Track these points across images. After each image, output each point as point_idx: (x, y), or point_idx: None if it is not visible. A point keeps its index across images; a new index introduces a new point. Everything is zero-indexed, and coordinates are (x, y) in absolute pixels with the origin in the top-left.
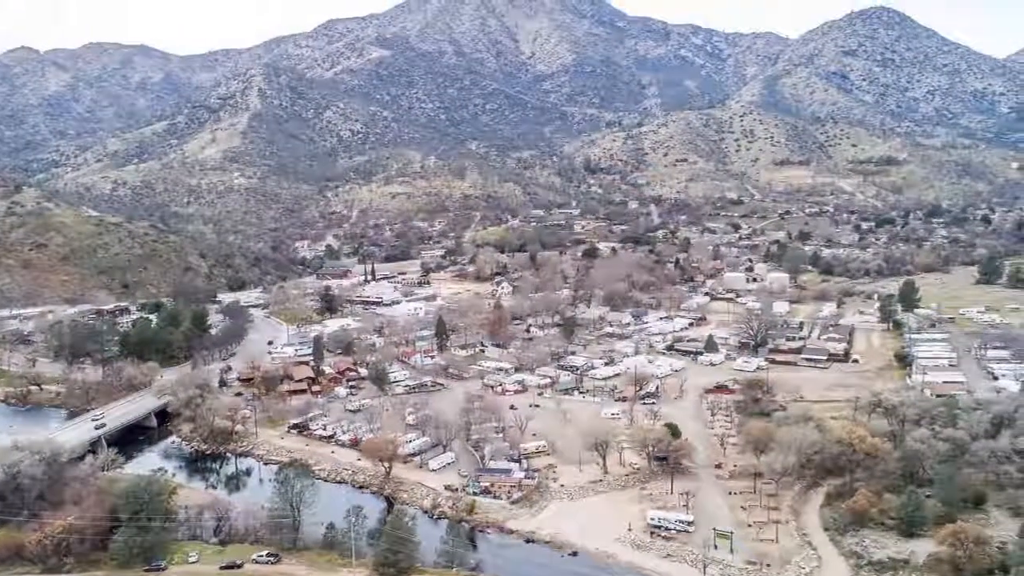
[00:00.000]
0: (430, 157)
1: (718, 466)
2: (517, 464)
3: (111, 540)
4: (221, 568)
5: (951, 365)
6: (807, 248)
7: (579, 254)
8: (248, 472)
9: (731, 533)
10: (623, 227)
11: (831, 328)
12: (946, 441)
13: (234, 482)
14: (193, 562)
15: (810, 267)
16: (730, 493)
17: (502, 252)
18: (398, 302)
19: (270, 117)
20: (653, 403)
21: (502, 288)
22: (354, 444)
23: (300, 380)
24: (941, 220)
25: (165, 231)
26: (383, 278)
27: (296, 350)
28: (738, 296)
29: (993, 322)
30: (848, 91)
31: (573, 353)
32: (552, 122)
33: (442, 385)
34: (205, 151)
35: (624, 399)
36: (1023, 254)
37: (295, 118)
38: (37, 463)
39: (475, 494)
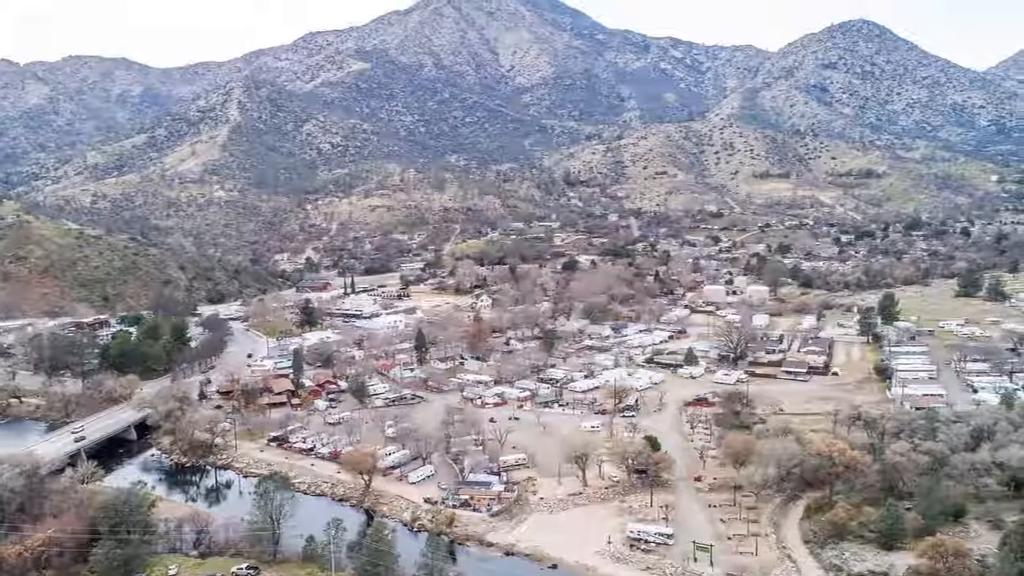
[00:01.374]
0: (410, 170)
1: (698, 479)
2: (497, 477)
3: (91, 553)
4: None
5: (931, 378)
6: (787, 261)
7: (559, 267)
8: (228, 485)
9: (711, 546)
10: (603, 240)
11: (811, 341)
12: (926, 454)
13: (214, 495)
14: (173, 575)
15: (790, 280)
16: (710, 506)
17: (482, 265)
18: (378, 315)
19: (250, 130)
20: (633, 416)
21: (482, 301)
22: (334, 457)
23: (280, 393)
24: (920, 233)
25: (145, 244)
26: (363, 291)
27: (276, 363)
28: (718, 309)
29: (972, 335)
30: (828, 104)
31: (553, 366)
32: (532, 135)
33: (422, 398)
34: (185, 164)
35: (604, 412)
36: (1002, 267)
37: (275, 131)
38: (17, 476)
39: (455, 507)
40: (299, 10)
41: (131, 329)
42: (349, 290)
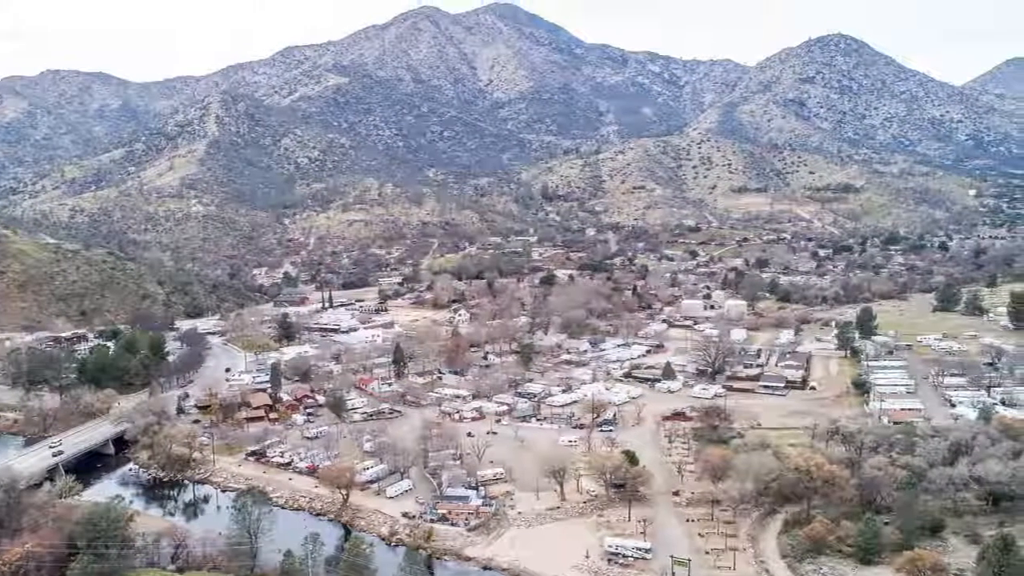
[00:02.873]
0: (388, 184)
1: (676, 493)
2: (474, 491)
3: (69, 568)
4: None
5: (908, 392)
6: (765, 275)
7: (537, 281)
8: (206, 499)
9: (689, 560)
10: (581, 254)
11: (789, 355)
12: (904, 468)
13: (192, 509)
14: None
15: (768, 294)
16: (688, 520)
17: (459, 279)
18: (355, 329)
19: (228, 144)
20: (611, 430)
21: (459, 315)
22: (311, 471)
23: (258, 407)
24: (899, 247)
25: (123, 258)
26: (340, 305)
27: (254, 377)
28: (696, 323)
29: (950, 349)
30: (806, 118)
31: (531, 380)
32: (510, 149)
33: (399, 412)
34: (163, 178)
35: (582, 426)
36: (980, 281)
37: (253, 145)
38: None
39: (432, 521)
40: (277, 25)
41: (109, 343)
42: (327, 304)
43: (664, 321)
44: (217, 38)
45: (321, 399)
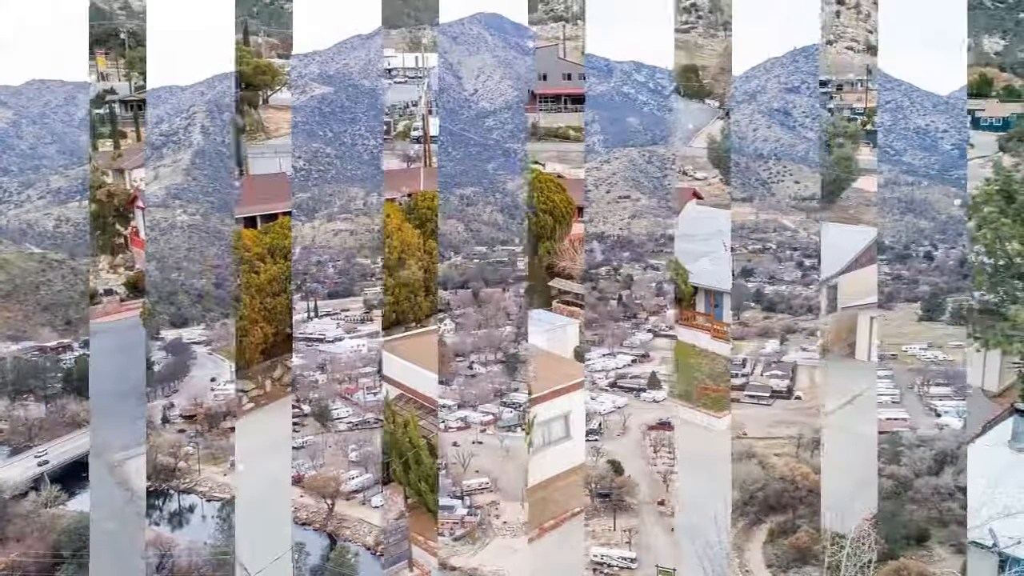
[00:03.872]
0: (373, 194)
1: (661, 503)
2: (460, 501)
3: None
4: None
5: (893, 402)
6: (750, 285)
7: (522, 291)
8: (191, 509)
9: (674, 570)
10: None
11: (774, 365)
12: (889, 478)
13: (177, 519)
14: None
15: (753, 304)
16: (672, 530)
17: (445, 289)
18: (341, 339)
19: (213, 154)
20: (596, 440)
21: (444, 325)
22: (297, 480)
23: None
24: (884, 257)
25: None
26: (326, 315)
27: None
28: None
29: (936, 359)
30: (791, 128)
31: (516, 390)
32: (495, 159)
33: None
34: (148, 188)
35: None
36: (966, 291)
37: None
38: None
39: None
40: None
41: None
42: (312, 314)
43: (649, 331)
44: (203, 46)
45: (306, 408)
